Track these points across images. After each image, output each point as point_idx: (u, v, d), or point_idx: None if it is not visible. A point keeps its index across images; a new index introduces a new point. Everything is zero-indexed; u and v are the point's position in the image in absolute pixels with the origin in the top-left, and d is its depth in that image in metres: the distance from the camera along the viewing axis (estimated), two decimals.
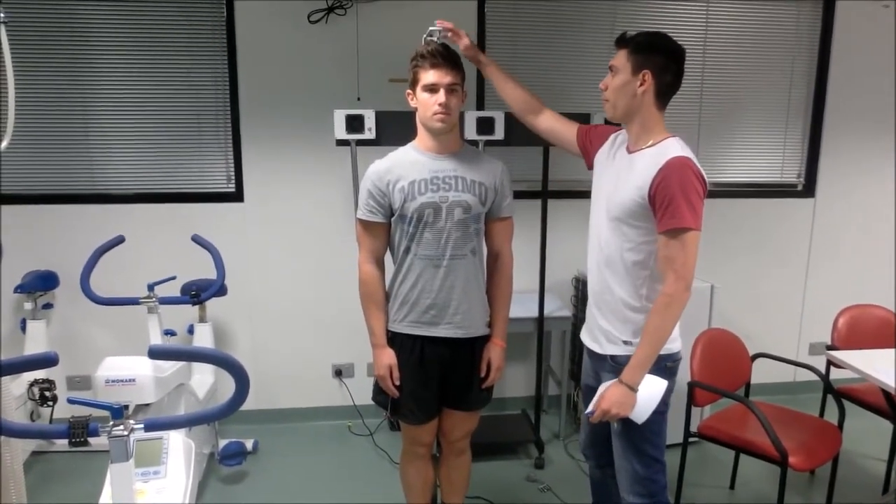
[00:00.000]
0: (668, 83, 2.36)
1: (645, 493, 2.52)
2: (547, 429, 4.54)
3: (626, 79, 2.36)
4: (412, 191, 2.57)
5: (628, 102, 2.38)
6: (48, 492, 3.75)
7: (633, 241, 2.38)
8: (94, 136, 4.27)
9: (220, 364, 1.88)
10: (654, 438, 2.49)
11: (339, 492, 3.81)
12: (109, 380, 3.09)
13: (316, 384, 4.69)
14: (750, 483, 3.86)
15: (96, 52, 4.19)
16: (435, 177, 2.59)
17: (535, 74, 4.54)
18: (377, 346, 2.72)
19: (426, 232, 2.60)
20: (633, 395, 2.34)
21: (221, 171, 4.42)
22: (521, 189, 2.83)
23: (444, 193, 2.58)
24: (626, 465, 2.53)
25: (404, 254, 2.66)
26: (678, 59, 2.36)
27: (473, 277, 2.69)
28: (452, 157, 2.64)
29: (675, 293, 2.28)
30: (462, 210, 2.60)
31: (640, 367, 2.34)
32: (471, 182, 2.62)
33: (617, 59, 2.40)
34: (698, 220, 2.24)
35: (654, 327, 2.32)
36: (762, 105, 4.89)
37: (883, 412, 3.52)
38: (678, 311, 2.31)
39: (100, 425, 1.83)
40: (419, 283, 2.64)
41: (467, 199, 2.61)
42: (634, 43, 2.36)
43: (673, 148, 2.31)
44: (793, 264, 5.10)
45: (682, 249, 2.24)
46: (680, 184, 2.22)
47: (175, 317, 4.21)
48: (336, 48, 4.30)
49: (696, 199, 2.24)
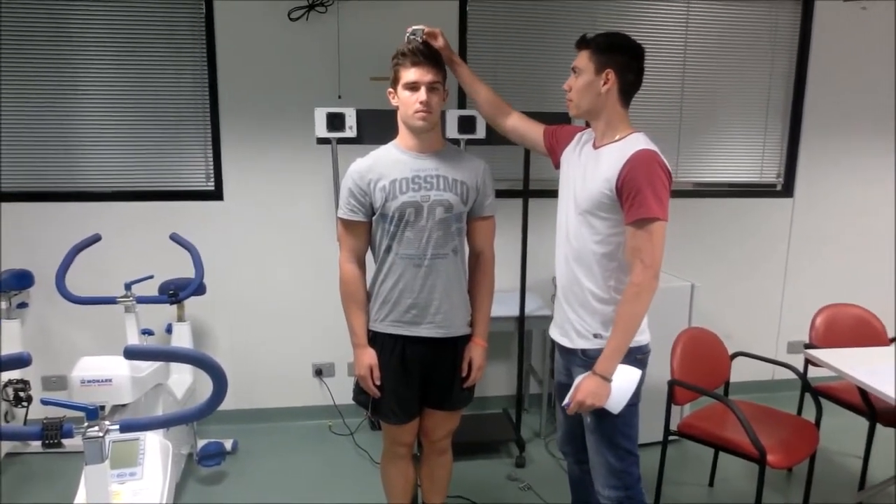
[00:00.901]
0: (630, 81, 2.43)
1: (620, 486, 2.56)
2: (528, 428, 4.54)
3: (590, 79, 2.43)
4: (393, 190, 2.56)
5: (592, 101, 2.45)
6: (23, 494, 3.70)
7: (601, 234, 2.43)
8: (71, 134, 4.22)
9: (197, 364, 1.86)
10: (627, 430, 2.53)
11: (320, 492, 3.80)
12: (85, 380, 3.06)
13: (296, 384, 4.66)
14: (729, 481, 3.88)
15: (75, 49, 4.15)
16: (416, 176, 2.58)
17: (516, 75, 4.55)
18: (358, 345, 2.71)
19: (407, 231, 2.59)
20: (607, 386, 2.38)
21: (200, 169, 4.39)
22: (502, 188, 2.83)
23: (425, 192, 2.57)
24: (600, 459, 2.57)
25: (385, 253, 2.65)
26: (639, 58, 2.44)
27: (455, 277, 2.69)
28: (434, 156, 2.63)
29: (643, 282, 2.32)
30: (443, 209, 2.59)
31: (613, 357, 2.38)
32: (452, 181, 2.61)
33: (579, 60, 2.47)
34: (665, 211, 2.30)
35: (624, 317, 2.37)
36: (742, 105, 4.92)
37: (859, 410, 3.54)
38: (647, 299, 2.35)
39: (74, 426, 1.80)
40: (400, 282, 2.63)
41: (449, 198, 2.60)
42: (595, 44, 2.43)
43: (638, 142, 2.38)
44: (772, 264, 5.13)
45: (650, 239, 2.30)
46: (646, 175, 2.29)
47: (153, 316, 4.17)
48: (317, 46, 4.28)
49: (662, 190, 2.30)
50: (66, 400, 1.92)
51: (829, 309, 3.92)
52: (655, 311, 2.50)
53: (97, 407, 1.83)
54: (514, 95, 4.52)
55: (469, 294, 2.80)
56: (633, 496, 2.57)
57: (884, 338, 3.86)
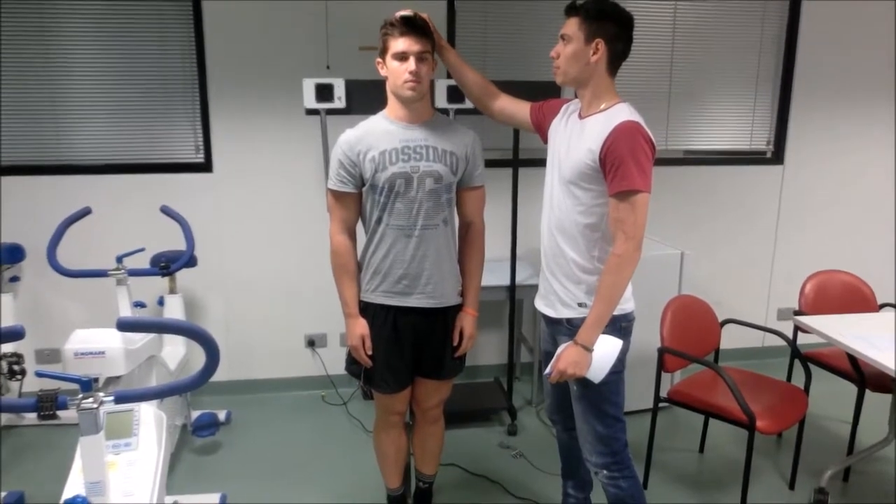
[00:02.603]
0: (619, 51, 2.41)
1: (607, 452, 2.60)
2: (519, 396, 4.58)
3: (579, 47, 2.39)
4: (383, 161, 2.56)
5: (580, 70, 2.42)
6: (19, 466, 3.72)
7: (585, 204, 2.43)
8: (60, 107, 4.20)
9: (189, 335, 1.87)
10: (613, 398, 2.56)
11: (313, 461, 3.83)
12: (79, 352, 3.08)
13: (289, 354, 4.69)
14: (719, 447, 3.93)
15: (63, 22, 4.11)
16: (406, 146, 2.58)
17: (505, 50, 4.54)
18: (350, 315, 2.73)
19: (398, 202, 2.59)
20: (587, 355, 2.40)
21: (190, 141, 4.37)
22: (492, 158, 2.83)
23: (415, 163, 2.57)
24: (587, 427, 2.60)
25: (376, 224, 2.65)
26: (628, 27, 2.41)
27: (445, 247, 2.70)
28: (423, 127, 2.63)
29: (624, 253, 2.32)
30: (433, 180, 2.60)
31: (595, 327, 2.40)
32: (442, 152, 2.61)
33: (568, 27, 2.42)
34: (647, 183, 2.31)
35: (606, 287, 2.37)
36: (731, 73, 4.90)
37: (848, 376, 3.57)
38: (629, 270, 2.36)
39: (69, 398, 1.81)
40: (391, 253, 2.64)
41: (438, 169, 2.60)
42: (585, 11, 2.38)
43: (622, 112, 2.36)
44: (761, 231, 5.15)
45: (632, 211, 2.30)
46: (629, 147, 2.28)
47: (145, 288, 4.16)
48: (305, 16, 4.24)
49: (645, 161, 2.30)
50: (60, 372, 1.93)
51: (819, 276, 3.95)
52: (645, 279, 2.52)
53: (91, 379, 1.84)
54: (503, 65, 4.53)
55: (459, 264, 2.81)
56: (620, 461, 2.61)
57: (873, 304, 3.89)
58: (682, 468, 3.76)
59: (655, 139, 2.40)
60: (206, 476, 3.67)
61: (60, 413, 1.81)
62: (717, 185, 5.00)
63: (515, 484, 3.59)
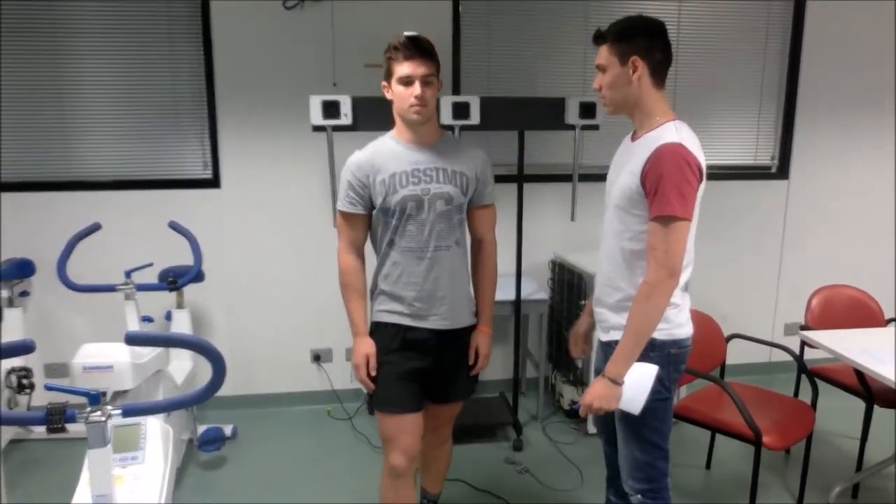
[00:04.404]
0: (658, 60, 2.31)
1: (644, 479, 2.49)
2: (525, 411, 4.58)
3: (618, 71, 2.30)
4: (393, 184, 2.54)
5: (626, 93, 2.33)
6: (26, 479, 3.73)
7: (633, 231, 2.34)
8: (70, 124, 4.24)
9: (196, 349, 1.88)
10: (655, 424, 2.43)
11: (319, 476, 3.83)
12: (87, 367, 3.09)
13: (294, 369, 4.69)
14: (725, 463, 3.92)
15: (73, 39, 4.16)
16: (416, 169, 2.56)
17: (509, 67, 4.56)
18: (357, 334, 2.69)
19: (409, 225, 2.57)
20: (616, 388, 2.29)
21: (198, 157, 4.40)
22: (497, 173, 2.82)
23: (425, 186, 2.55)
24: (626, 451, 2.51)
25: (388, 246, 2.63)
26: (661, 34, 2.31)
27: (458, 268, 2.69)
28: (432, 148, 2.61)
29: (654, 282, 2.22)
30: (444, 202, 2.58)
31: (623, 360, 2.29)
32: (452, 173, 2.60)
33: (600, 56, 2.34)
34: (687, 209, 2.23)
35: (635, 318, 2.27)
36: (735, 88, 4.92)
37: (856, 391, 3.56)
38: (661, 300, 2.24)
39: (77, 411, 1.82)
40: (404, 275, 2.62)
41: (449, 190, 2.59)
42: (612, 35, 2.30)
43: (668, 133, 2.29)
44: (767, 246, 5.15)
45: (665, 237, 2.21)
46: (668, 170, 2.21)
47: (152, 303, 4.19)
48: (312, 34, 4.28)
49: (685, 186, 2.22)
50: (69, 386, 1.94)
51: (825, 290, 3.93)
52: None
53: (99, 393, 1.85)
54: (508, 82, 4.56)
55: (473, 282, 2.82)
56: (656, 490, 2.50)
57: (880, 319, 3.88)
58: (688, 484, 3.75)
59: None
60: (211, 491, 3.68)
61: (69, 427, 1.82)
62: (722, 200, 5.00)
63: (520, 500, 3.58)
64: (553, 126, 3.92)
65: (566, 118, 3.81)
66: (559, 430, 4.34)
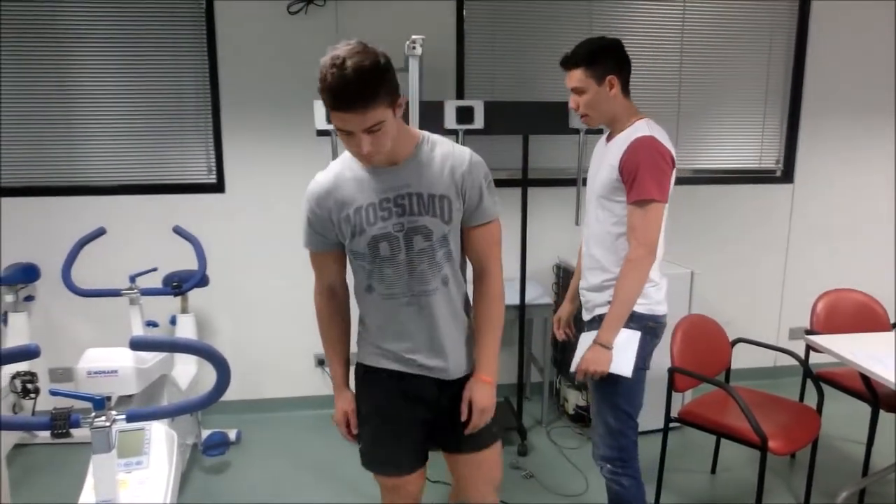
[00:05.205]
0: (626, 73, 2.58)
1: (615, 446, 2.66)
2: (529, 416, 4.57)
3: (596, 91, 2.55)
4: (359, 221, 2.07)
5: (606, 108, 2.58)
6: (31, 484, 3.74)
7: (617, 216, 2.57)
8: (75, 128, 4.25)
9: (201, 354, 1.88)
10: (628, 394, 2.62)
11: (323, 481, 3.82)
12: (92, 371, 3.09)
13: (298, 374, 4.69)
14: (731, 468, 3.90)
15: (77, 44, 4.17)
16: (385, 199, 2.05)
17: (513, 70, 4.56)
18: (335, 388, 2.38)
19: (386, 268, 2.11)
20: (607, 353, 2.53)
21: (202, 162, 4.40)
22: (501, 177, 2.82)
23: (397, 220, 2.06)
24: (599, 419, 2.70)
25: (366, 292, 2.19)
26: (620, 48, 2.57)
27: (450, 310, 2.19)
28: (403, 168, 2.06)
29: (636, 258, 2.48)
30: (423, 238, 2.08)
31: (612, 327, 2.53)
32: (429, 199, 2.06)
33: (573, 79, 2.58)
34: (662, 193, 2.46)
35: (621, 289, 2.52)
36: (740, 91, 4.92)
37: (861, 396, 3.55)
38: (642, 273, 2.50)
39: (82, 416, 1.82)
40: (389, 324, 2.20)
41: (426, 223, 2.07)
42: (583, 59, 2.54)
43: (641, 129, 2.52)
44: (772, 250, 5.14)
45: (644, 218, 2.46)
46: (644, 159, 2.44)
47: (157, 308, 4.20)
48: (315, 39, 4.28)
49: (659, 173, 2.45)
50: (73, 391, 1.94)
51: (830, 294, 3.93)
52: None
53: (104, 397, 1.85)
54: (512, 86, 4.56)
55: (475, 321, 2.29)
56: (625, 458, 2.66)
57: (885, 323, 3.87)
58: (693, 489, 3.74)
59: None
60: (216, 495, 3.67)
61: (73, 431, 1.82)
62: (727, 204, 5.00)
63: None
64: (557, 130, 3.92)
65: (570, 122, 3.81)
66: (564, 435, 4.33)
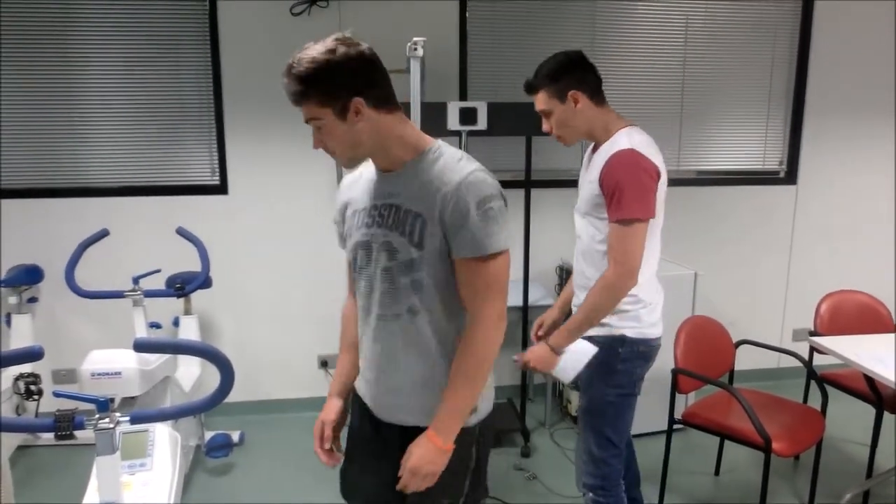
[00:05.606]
0: (592, 82, 2.49)
1: (598, 475, 2.61)
2: (532, 417, 4.57)
3: (562, 109, 2.48)
4: (352, 224, 1.94)
5: (576, 124, 2.51)
6: (34, 486, 3.74)
7: (603, 233, 2.46)
8: (78, 130, 4.25)
9: (204, 356, 1.88)
10: (614, 421, 2.57)
11: (326, 482, 3.81)
12: (95, 373, 3.10)
13: (302, 375, 4.69)
14: (735, 469, 3.90)
15: (80, 45, 4.17)
16: (374, 205, 1.87)
17: (516, 71, 4.52)
18: (329, 394, 2.21)
19: (361, 279, 1.92)
20: (554, 357, 2.47)
21: (206, 163, 4.41)
22: (504, 179, 2.81)
23: (375, 230, 1.85)
24: (583, 445, 2.64)
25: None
26: (582, 60, 2.50)
27: (415, 345, 1.87)
28: (399, 176, 1.83)
29: (611, 279, 2.37)
30: (387, 256, 1.82)
31: (567, 334, 2.45)
32: (404, 214, 1.79)
33: (539, 103, 2.53)
34: (645, 210, 2.34)
35: (588, 304, 2.43)
36: (743, 93, 4.91)
37: (866, 397, 3.54)
38: (615, 294, 2.39)
39: (85, 418, 1.82)
40: (362, 343, 2.02)
41: (392, 240, 1.80)
42: (543, 80, 2.50)
43: (621, 140, 2.41)
44: (776, 251, 5.13)
45: (623, 239, 2.34)
46: (623, 176, 2.33)
47: (160, 309, 4.20)
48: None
49: (641, 189, 2.34)
50: (77, 392, 1.94)
51: (834, 296, 3.92)
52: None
53: (107, 399, 1.85)
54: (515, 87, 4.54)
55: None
56: (608, 488, 2.60)
57: (889, 324, 3.86)
58: (697, 491, 3.73)
59: (667, 160, 2.44)
60: (219, 497, 3.67)
61: (77, 433, 1.82)
62: (730, 205, 4.99)
63: None
64: None
65: None
66: (567, 437, 4.32)
